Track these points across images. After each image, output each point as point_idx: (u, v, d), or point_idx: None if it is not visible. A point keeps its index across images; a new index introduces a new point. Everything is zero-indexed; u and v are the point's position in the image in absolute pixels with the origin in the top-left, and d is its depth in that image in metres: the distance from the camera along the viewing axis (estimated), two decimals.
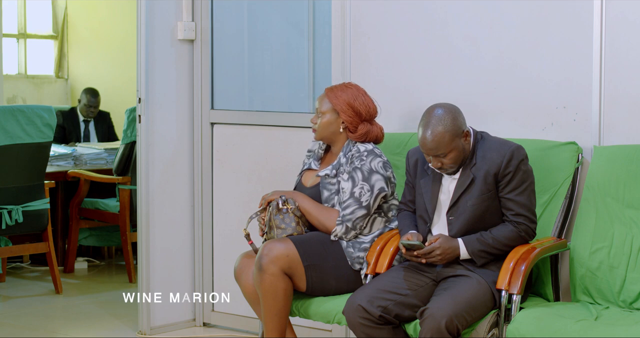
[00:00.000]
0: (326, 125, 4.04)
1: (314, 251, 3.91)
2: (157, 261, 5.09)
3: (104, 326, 5.30)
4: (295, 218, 3.98)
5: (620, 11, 3.88)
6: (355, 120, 4.02)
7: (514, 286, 3.55)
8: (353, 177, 3.94)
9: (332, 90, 4.07)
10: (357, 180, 3.93)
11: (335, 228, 3.93)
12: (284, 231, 3.97)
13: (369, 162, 3.96)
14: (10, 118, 5.66)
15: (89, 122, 7.94)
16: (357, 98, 4.03)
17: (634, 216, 3.70)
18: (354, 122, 4.02)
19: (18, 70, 9.42)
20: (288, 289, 3.87)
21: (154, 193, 5.07)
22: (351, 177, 3.95)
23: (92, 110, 7.89)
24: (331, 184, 4.01)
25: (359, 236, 3.98)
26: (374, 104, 4.08)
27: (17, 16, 9.37)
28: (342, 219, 3.93)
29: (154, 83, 5.02)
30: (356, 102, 4.02)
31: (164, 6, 5.05)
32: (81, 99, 7.93)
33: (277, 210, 3.99)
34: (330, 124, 4.04)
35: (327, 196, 4.00)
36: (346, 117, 4.01)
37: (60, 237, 6.76)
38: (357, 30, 4.59)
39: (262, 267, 3.85)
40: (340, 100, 4.02)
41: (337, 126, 4.04)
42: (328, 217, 3.96)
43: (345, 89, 4.05)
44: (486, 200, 3.66)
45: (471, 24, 4.26)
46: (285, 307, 3.88)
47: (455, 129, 3.60)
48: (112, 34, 9.26)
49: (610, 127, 3.91)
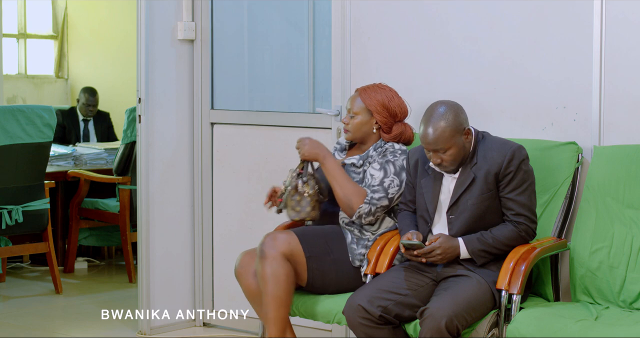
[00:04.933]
0: (359, 125, 4.03)
1: (316, 244, 3.91)
2: (157, 261, 5.09)
3: (104, 326, 5.30)
4: (311, 202, 3.95)
5: (620, 11, 3.88)
6: (390, 121, 4.02)
7: (514, 286, 3.55)
8: (385, 168, 3.94)
9: (365, 90, 4.05)
10: (389, 172, 3.93)
11: (362, 206, 3.90)
12: (297, 214, 3.96)
13: (401, 159, 3.97)
14: (10, 118, 5.66)
15: (89, 122, 7.94)
16: (392, 99, 4.03)
17: (634, 216, 3.70)
18: (388, 123, 4.02)
19: (18, 70, 9.41)
20: (290, 275, 3.84)
21: (154, 193, 5.07)
22: (383, 168, 3.94)
23: (90, 109, 7.90)
24: (355, 173, 4.00)
25: (365, 232, 3.97)
26: (406, 104, 4.08)
27: (17, 16, 9.37)
28: (369, 201, 3.91)
29: (154, 83, 5.02)
30: (391, 103, 4.02)
31: (164, 6, 5.05)
32: (79, 99, 7.94)
33: (295, 190, 3.96)
34: (364, 124, 4.03)
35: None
36: (381, 118, 4.01)
37: (60, 237, 6.76)
38: (357, 30, 4.59)
39: (263, 253, 3.84)
40: (374, 100, 4.02)
41: (370, 127, 4.03)
42: (357, 193, 3.92)
43: (379, 89, 4.04)
44: (486, 200, 3.66)
45: (471, 24, 4.26)
46: (286, 293, 3.83)
47: (457, 125, 3.61)
48: (112, 34, 9.26)
49: (610, 127, 3.91)
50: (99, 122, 7.99)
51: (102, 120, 8.01)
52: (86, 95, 7.90)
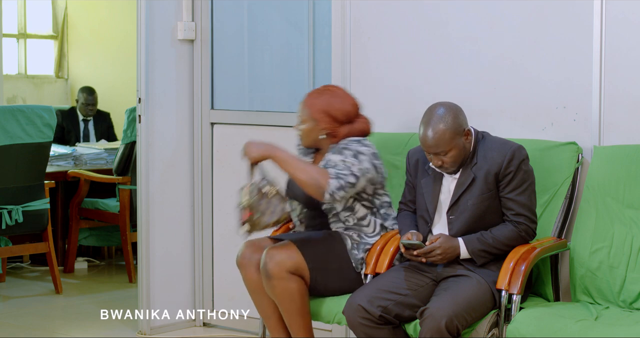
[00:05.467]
0: (307, 133, 3.98)
1: (316, 253, 3.89)
2: (157, 261, 5.09)
3: (104, 326, 5.30)
4: (281, 201, 3.87)
5: (621, 11, 3.88)
6: (334, 125, 3.94)
7: (514, 286, 3.55)
8: (342, 152, 3.85)
9: (310, 96, 3.98)
10: (347, 156, 3.84)
11: (330, 182, 3.74)
12: (272, 215, 3.86)
13: (355, 146, 3.87)
14: (10, 118, 5.66)
15: (89, 122, 7.95)
16: (332, 103, 3.93)
17: (634, 216, 3.70)
18: (332, 128, 3.94)
19: (18, 70, 9.42)
20: (302, 288, 3.85)
21: (154, 193, 5.07)
22: (339, 152, 3.85)
23: (90, 108, 7.90)
24: None
25: (363, 236, 3.95)
26: (352, 103, 3.97)
27: (17, 16, 9.37)
28: (335, 175, 3.77)
29: (154, 83, 5.02)
30: (331, 108, 3.92)
31: (164, 6, 5.05)
32: (78, 98, 7.95)
33: (260, 195, 3.85)
34: (311, 131, 3.97)
35: None
36: (324, 124, 3.93)
37: (60, 237, 6.76)
38: (357, 30, 4.59)
39: (269, 274, 3.83)
40: (316, 108, 3.93)
41: (317, 133, 3.96)
42: (321, 172, 3.78)
43: (320, 95, 3.96)
44: (486, 200, 3.66)
45: (471, 24, 4.26)
46: (303, 305, 3.86)
47: (457, 127, 3.61)
48: (112, 34, 9.26)
49: (610, 127, 3.91)
50: (99, 122, 7.99)
51: (102, 120, 8.02)
52: (84, 95, 7.91)
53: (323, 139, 3.97)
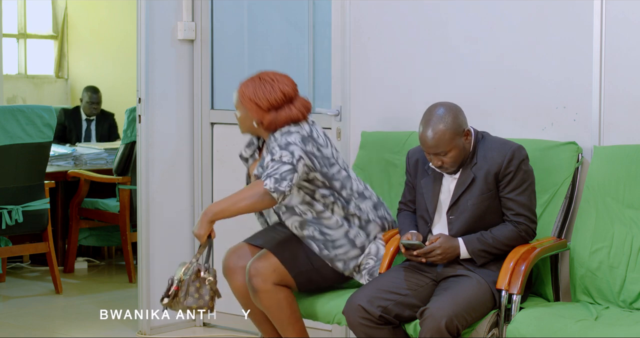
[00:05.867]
0: (241, 121, 3.96)
1: (297, 259, 3.89)
2: (157, 261, 5.09)
3: (104, 326, 5.30)
4: (210, 292, 3.83)
5: (621, 11, 3.88)
6: (260, 113, 3.88)
7: (514, 286, 3.55)
8: (271, 151, 3.80)
9: (241, 85, 3.95)
10: (276, 151, 3.79)
11: (265, 183, 3.71)
12: (196, 301, 3.80)
13: (283, 138, 3.82)
14: (10, 118, 5.66)
15: (91, 121, 7.96)
16: (257, 91, 3.88)
17: (634, 216, 3.70)
18: (259, 116, 3.89)
19: (18, 70, 9.42)
20: (289, 297, 3.88)
21: (154, 193, 5.07)
22: (270, 151, 3.81)
23: (94, 107, 7.93)
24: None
25: (326, 230, 3.88)
26: (281, 90, 3.90)
27: (17, 16, 9.37)
28: (266, 175, 3.74)
29: (154, 83, 5.02)
30: (256, 96, 3.88)
31: (164, 6, 5.05)
32: (82, 98, 7.97)
33: (196, 276, 3.82)
34: (244, 119, 3.94)
35: None
36: (252, 113, 3.89)
37: (60, 237, 6.76)
38: (357, 30, 4.59)
39: (254, 288, 3.87)
40: (245, 97, 3.90)
41: (251, 121, 3.92)
42: (251, 187, 3.79)
43: (249, 83, 3.92)
44: (486, 200, 3.66)
45: (471, 24, 4.26)
46: (293, 313, 3.88)
47: (456, 128, 3.61)
48: (112, 34, 9.26)
49: (610, 127, 3.91)
50: (101, 123, 8.00)
51: (104, 121, 8.03)
52: (89, 93, 7.93)
53: (259, 127, 3.91)
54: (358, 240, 3.93)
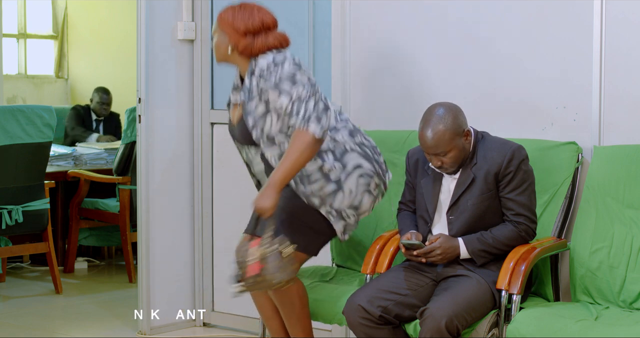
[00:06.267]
0: (217, 47, 3.90)
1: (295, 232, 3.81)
2: (157, 261, 5.09)
3: (104, 326, 5.30)
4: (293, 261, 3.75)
5: (621, 11, 3.88)
6: (235, 37, 3.83)
7: (514, 286, 3.55)
8: (282, 89, 3.71)
9: (220, 11, 3.90)
10: (289, 89, 3.71)
11: (308, 129, 3.65)
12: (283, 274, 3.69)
13: (284, 70, 3.74)
14: (10, 118, 5.66)
15: (100, 122, 7.98)
16: (236, 15, 3.83)
17: (634, 216, 3.70)
18: (234, 40, 3.83)
19: (18, 70, 9.41)
20: (300, 290, 3.88)
21: (154, 193, 5.07)
22: (281, 90, 3.71)
23: (105, 107, 7.96)
24: (251, 110, 3.83)
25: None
26: (261, 19, 3.83)
27: (17, 16, 9.37)
28: (303, 121, 3.67)
29: (154, 83, 5.02)
30: (234, 19, 3.82)
31: (164, 6, 5.05)
32: (93, 98, 7.98)
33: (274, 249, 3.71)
34: (219, 45, 3.89)
35: (253, 122, 3.83)
36: (229, 37, 3.84)
37: (60, 237, 6.76)
38: (357, 30, 4.59)
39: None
40: (222, 20, 3.86)
41: (226, 47, 3.87)
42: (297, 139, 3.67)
43: (229, 8, 3.87)
44: (486, 200, 3.66)
45: (471, 24, 4.26)
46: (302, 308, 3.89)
47: (456, 128, 3.61)
48: (112, 34, 9.26)
49: (610, 127, 3.91)
50: (109, 122, 8.02)
51: (112, 121, 8.05)
52: (100, 94, 7.95)
53: (234, 55, 3.87)
54: (333, 174, 3.81)
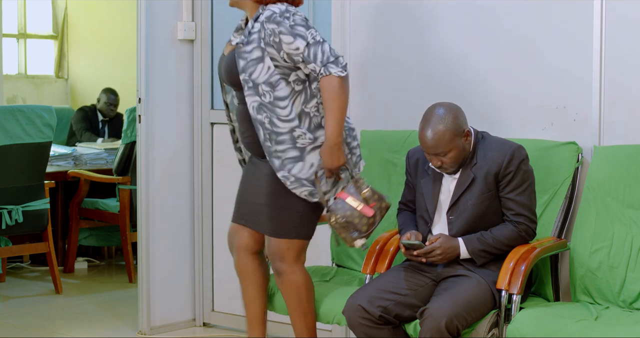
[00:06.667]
0: None
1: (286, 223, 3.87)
2: (157, 261, 5.09)
3: (104, 326, 5.30)
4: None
5: (621, 11, 3.88)
6: None
7: (514, 286, 3.55)
8: (297, 34, 3.70)
9: None
10: (304, 32, 3.70)
11: (331, 73, 3.69)
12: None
13: (296, 17, 3.74)
14: (10, 118, 5.66)
15: (106, 122, 7.99)
16: None
17: (634, 216, 3.70)
18: None
19: (18, 70, 9.41)
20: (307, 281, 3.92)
21: (154, 193, 5.07)
22: (295, 34, 3.70)
23: (112, 108, 7.97)
24: (246, 52, 3.80)
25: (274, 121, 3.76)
26: None
27: (17, 16, 9.36)
28: (323, 67, 3.68)
29: (154, 83, 5.02)
30: None
31: (164, 6, 5.05)
32: (100, 98, 7.98)
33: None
34: None
35: (244, 65, 3.80)
36: None
37: (60, 237, 6.76)
38: (357, 30, 4.59)
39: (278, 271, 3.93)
40: None
41: None
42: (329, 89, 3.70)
43: None
44: (486, 200, 3.66)
45: (471, 24, 4.26)
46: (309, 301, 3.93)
47: (456, 128, 3.61)
48: (112, 34, 9.26)
49: (610, 127, 3.91)
50: (114, 123, 8.03)
51: (117, 121, 8.06)
52: (108, 94, 7.96)
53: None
54: (300, 141, 3.79)
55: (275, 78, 3.77)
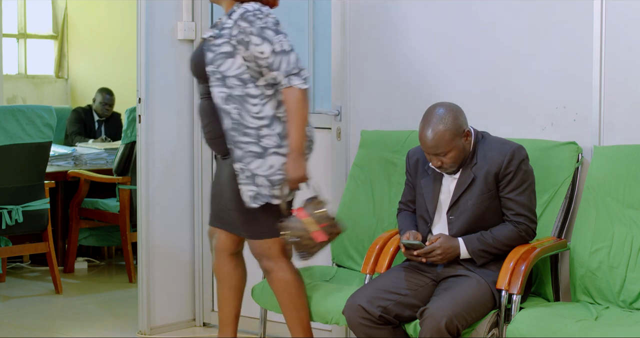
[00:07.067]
0: None
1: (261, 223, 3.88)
2: (157, 261, 5.10)
3: (104, 326, 5.30)
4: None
5: (621, 11, 3.88)
6: None
7: (514, 286, 3.55)
8: (265, 37, 3.74)
9: None
10: (272, 37, 3.75)
11: (291, 83, 3.71)
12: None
13: (269, 19, 3.77)
14: (10, 118, 5.66)
15: (102, 122, 7.98)
16: None
17: (634, 216, 3.70)
18: None
19: (18, 70, 9.41)
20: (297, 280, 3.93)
21: (154, 193, 5.07)
22: (264, 38, 3.73)
23: (107, 108, 7.96)
24: (215, 46, 3.81)
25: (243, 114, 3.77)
26: None
27: (17, 16, 9.36)
28: (286, 75, 3.72)
29: (154, 83, 5.02)
30: None
31: (164, 6, 5.05)
32: (96, 98, 7.98)
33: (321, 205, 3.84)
34: None
35: (212, 57, 3.81)
36: None
37: (60, 237, 6.76)
38: (357, 30, 4.59)
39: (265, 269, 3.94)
40: None
41: None
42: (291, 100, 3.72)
43: None
44: (486, 200, 3.66)
45: (471, 24, 4.26)
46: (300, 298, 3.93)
47: (456, 128, 3.61)
48: (112, 34, 9.26)
49: (610, 127, 3.91)
50: (111, 123, 8.02)
51: (114, 121, 8.06)
52: (103, 94, 7.96)
53: None
54: (265, 141, 3.80)
55: (246, 76, 3.80)
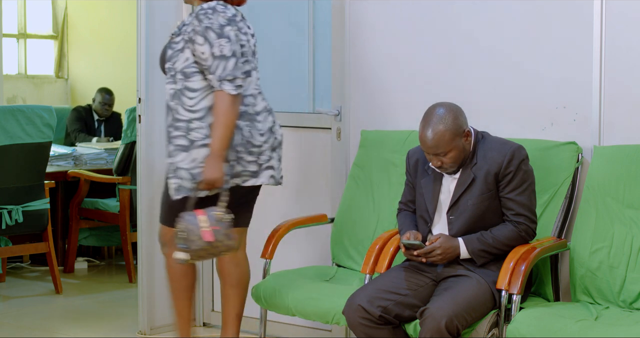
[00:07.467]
0: None
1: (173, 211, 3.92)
2: (157, 261, 5.09)
3: (104, 326, 5.30)
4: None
5: (621, 11, 3.88)
6: None
7: (514, 286, 3.55)
8: (207, 38, 3.79)
9: None
10: (213, 40, 3.79)
11: (222, 89, 3.75)
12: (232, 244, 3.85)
13: (216, 19, 3.81)
14: (10, 118, 5.66)
15: (102, 122, 7.99)
16: None
17: (634, 216, 3.70)
18: None
19: (18, 70, 9.41)
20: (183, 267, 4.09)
21: (154, 193, 5.07)
22: (205, 38, 3.79)
23: (106, 108, 7.96)
24: (174, 43, 3.91)
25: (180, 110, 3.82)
26: None
27: (17, 16, 9.37)
28: (218, 80, 3.76)
29: (154, 83, 5.02)
30: None
31: (164, 6, 5.05)
32: (95, 98, 7.98)
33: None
34: None
35: (170, 54, 3.91)
36: None
37: (60, 237, 6.76)
38: (357, 30, 4.59)
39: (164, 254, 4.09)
40: None
41: None
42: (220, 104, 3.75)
43: None
44: (486, 200, 3.66)
45: (471, 24, 4.26)
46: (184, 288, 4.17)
47: (456, 128, 3.61)
48: (112, 34, 9.26)
49: (610, 127, 3.91)
50: (110, 122, 8.02)
51: (113, 121, 8.06)
52: (103, 94, 7.96)
53: None
54: (193, 134, 3.84)
55: (191, 70, 3.86)
